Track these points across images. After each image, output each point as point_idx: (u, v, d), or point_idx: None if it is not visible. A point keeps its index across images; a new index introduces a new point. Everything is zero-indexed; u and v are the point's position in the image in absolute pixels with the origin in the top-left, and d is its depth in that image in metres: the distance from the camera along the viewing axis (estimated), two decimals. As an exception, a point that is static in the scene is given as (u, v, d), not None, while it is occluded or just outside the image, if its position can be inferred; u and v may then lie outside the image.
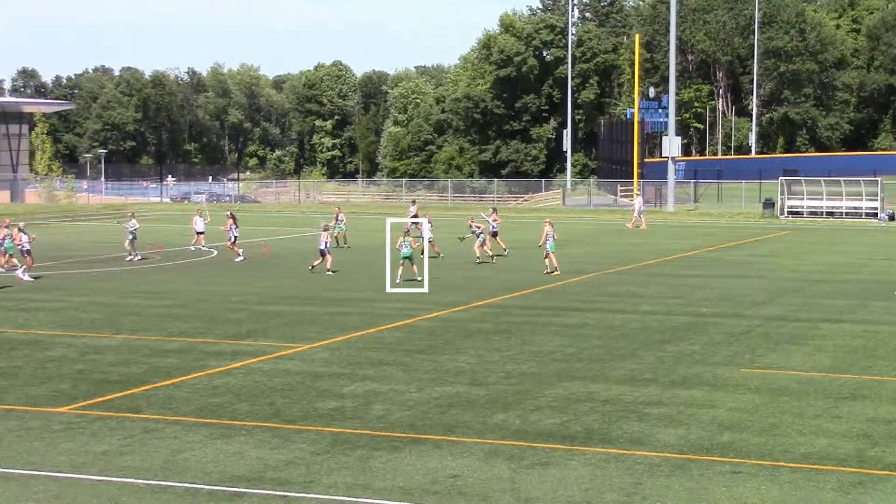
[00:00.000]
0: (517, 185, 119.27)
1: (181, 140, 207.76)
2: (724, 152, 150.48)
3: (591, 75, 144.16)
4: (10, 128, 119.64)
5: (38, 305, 35.64)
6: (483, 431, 19.90)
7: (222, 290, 39.39)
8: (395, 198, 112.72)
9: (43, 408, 21.64)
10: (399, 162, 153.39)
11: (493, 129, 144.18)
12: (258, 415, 21.09)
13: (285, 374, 24.93)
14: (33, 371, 25.24)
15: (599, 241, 61.58)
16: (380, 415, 21.14)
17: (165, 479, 17.16)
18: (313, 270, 44.31)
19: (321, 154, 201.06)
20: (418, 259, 43.87)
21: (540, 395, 22.70)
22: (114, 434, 19.70)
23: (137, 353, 27.46)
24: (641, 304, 36.21)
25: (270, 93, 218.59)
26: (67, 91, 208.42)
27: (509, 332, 30.57)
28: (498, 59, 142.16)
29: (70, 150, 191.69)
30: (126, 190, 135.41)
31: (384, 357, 26.90)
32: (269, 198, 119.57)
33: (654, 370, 25.36)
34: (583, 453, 18.54)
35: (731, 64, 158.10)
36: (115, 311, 34.30)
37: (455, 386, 23.64)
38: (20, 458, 18.26)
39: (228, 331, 30.74)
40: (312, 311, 34.19)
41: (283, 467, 17.75)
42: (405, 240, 41.64)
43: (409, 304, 35.68)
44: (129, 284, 41.32)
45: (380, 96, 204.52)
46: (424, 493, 16.56)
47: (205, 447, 18.87)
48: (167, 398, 22.49)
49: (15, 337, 29.78)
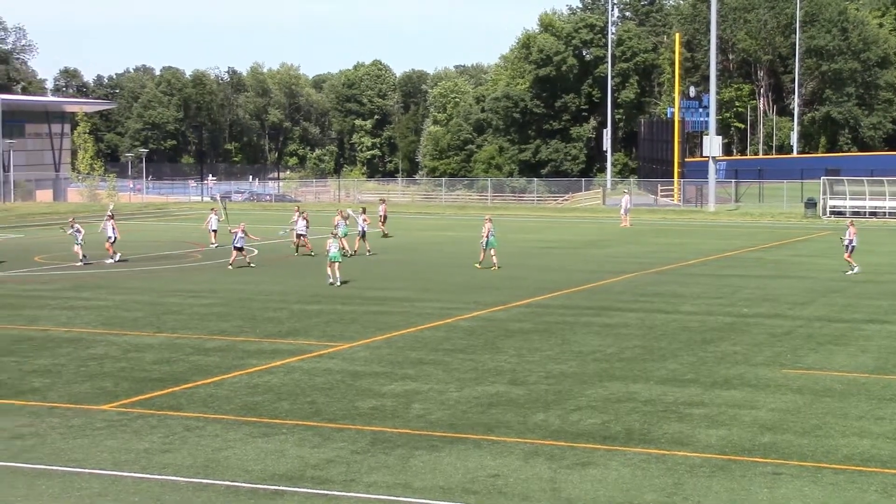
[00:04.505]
0: (557, 185, 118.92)
1: (221, 139, 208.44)
2: (765, 152, 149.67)
3: (631, 74, 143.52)
4: (53, 127, 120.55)
5: (80, 304, 35.86)
6: (523, 431, 19.87)
7: (263, 289, 39.50)
8: (435, 197, 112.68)
9: (85, 405, 21.78)
10: (439, 161, 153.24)
11: (532, 129, 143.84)
12: (298, 413, 21.14)
13: (325, 372, 24.98)
14: (76, 369, 25.40)
15: (639, 240, 61.37)
16: (420, 414, 21.14)
17: (206, 476, 17.22)
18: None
19: (361, 153, 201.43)
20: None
21: (580, 395, 22.65)
22: (155, 432, 19.80)
23: (179, 351, 27.59)
24: (682, 304, 36.07)
25: (310, 92, 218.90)
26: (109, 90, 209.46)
27: (549, 331, 30.52)
28: (537, 58, 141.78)
29: (111, 149, 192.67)
30: (167, 189, 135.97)
31: (424, 356, 26.91)
32: (310, 197, 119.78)
33: (695, 370, 25.26)
34: (623, 453, 18.48)
35: (773, 63, 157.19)
36: (157, 310, 34.47)
37: (495, 385, 23.62)
38: (63, 455, 18.38)
39: (269, 329, 30.83)
40: (352, 311, 34.24)
41: (324, 466, 17.78)
42: (334, 241, 41.19)
43: (450, 304, 35.68)
44: (171, 283, 41.51)
45: (419, 96, 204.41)
46: (464, 492, 16.55)
47: (245, 445, 18.93)
48: (208, 396, 22.58)
49: (58, 335, 29.99)
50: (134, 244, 57.49)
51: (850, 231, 44.60)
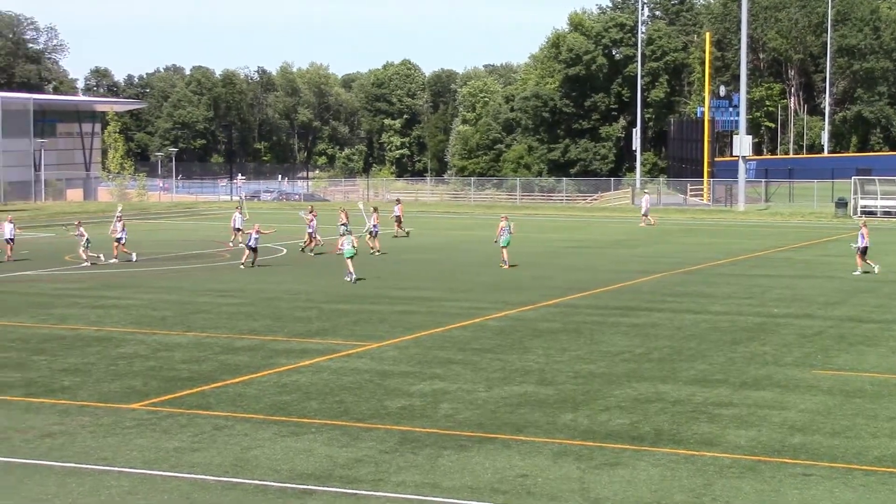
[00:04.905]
0: (586, 185, 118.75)
1: (251, 138, 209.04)
2: (795, 151, 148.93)
3: (661, 74, 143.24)
4: (84, 127, 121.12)
5: (110, 302, 36.02)
6: (552, 431, 19.84)
7: (291, 289, 39.57)
8: (464, 196, 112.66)
9: (115, 404, 21.87)
10: (468, 161, 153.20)
11: (561, 128, 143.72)
12: (327, 413, 21.16)
13: (354, 372, 25.00)
14: (106, 368, 25.51)
15: (668, 240, 61.20)
16: (448, 413, 21.14)
17: (235, 475, 17.27)
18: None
19: (390, 153, 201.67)
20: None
21: (609, 395, 22.60)
22: (184, 431, 19.86)
23: (208, 350, 27.66)
24: (711, 304, 35.94)
25: (339, 92, 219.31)
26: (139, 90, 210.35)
27: (578, 331, 30.47)
28: (567, 57, 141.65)
29: (142, 148, 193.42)
30: (196, 188, 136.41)
31: (452, 356, 26.90)
32: (339, 196, 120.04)
33: (725, 371, 25.16)
34: (652, 454, 18.43)
35: (804, 62, 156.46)
36: (186, 309, 34.59)
37: (523, 385, 23.60)
38: (93, 453, 18.46)
39: (297, 329, 30.89)
40: (381, 310, 34.27)
41: (352, 465, 17.80)
42: (348, 238, 41.92)
43: (478, 304, 35.66)
44: (200, 282, 41.64)
45: (448, 95, 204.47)
46: (493, 492, 16.53)
47: (274, 444, 18.97)
48: (237, 395, 22.63)
49: (88, 334, 30.12)
50: (163, 243, 57.75)
51: (862, 232, 44.28)
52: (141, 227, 71.36)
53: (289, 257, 50.92)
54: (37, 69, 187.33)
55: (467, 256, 50.72)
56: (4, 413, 21.18)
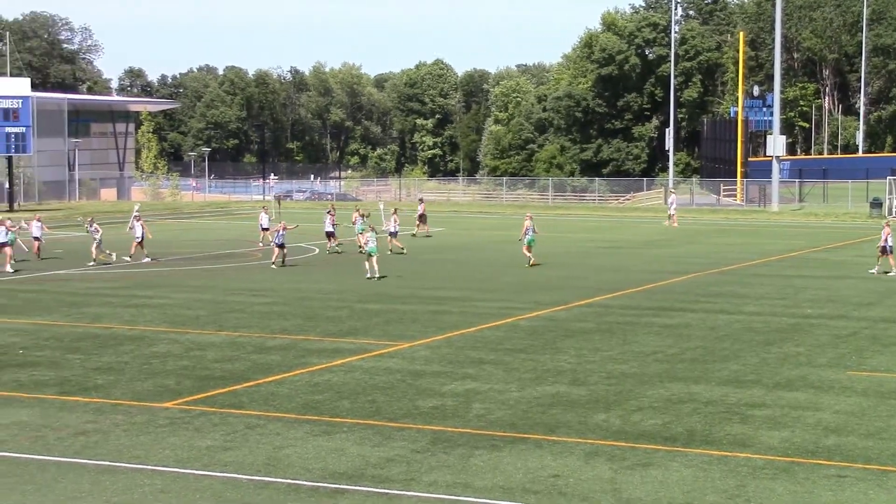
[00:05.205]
0: (618, 185, 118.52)
1: (284, 138, 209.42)
2: (829, 151, 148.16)
3: (695, 73, 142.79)
4: (118, 126, 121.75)
5: (143, 302, 36.17)
6: (584, 431, 19.80)
7: (323, 288, 39.64)
8: (496, 196, 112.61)
9: (148, 403, 21.96)
10: (500, 160, 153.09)
11: (594, 128, 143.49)
12: (359, 412, 21.18)
13: (386, 371, 25.02)
14: (139, 366, 25.62)
15: (702, 240, 60.98)
16: (480, 413, 21.12)
17: (268, 474, 17.31)
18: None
19: (422, 152, 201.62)
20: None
21: (641, 396, 22.54)
22: (217, 429, 19.92)
23: (240, 349, 27.74)
24: (745, 304, 35.79)
25: (372, 91, 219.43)
26: (172, 90, 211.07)
27: (610, 331, 30.40)
28: (600, 57, 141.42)
29: (175, 148, 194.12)
30: (229, 188, 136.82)
31: (484, 356, 26.88)
32: (371, 196, 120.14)
33: (758, 372, 25.05)
34: (685, 454, 18.37)
35: (838, 62, 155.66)
36: (219, 308, 34.70)
37: (556, 385, 23.56)
38: (127, 451, 18.54)
39: (329, 328, 30.93)
40: (412, 310, 34.28)
41: (384, 465, 17.81)
42: (372, 235, 42.72)
43: (510, 304, 35.63)
44: (233, 282, 41.76)
45: (481, 95, 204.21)
46: (525, 492, 16.51)
47: (306, 444, 19.00)
48: (269, 395, 22.68)
49: (121, 332, 30.26)
50: (195, 243, 57.95)
51: (884, 232, 43.96)
52: (174, 226, 71.71)
53: (320, 257, 51.01)
54: (71, 69, 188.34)
55: (499, 256, 50.66)
56: (39, 411, 21.31)
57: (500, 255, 51.31)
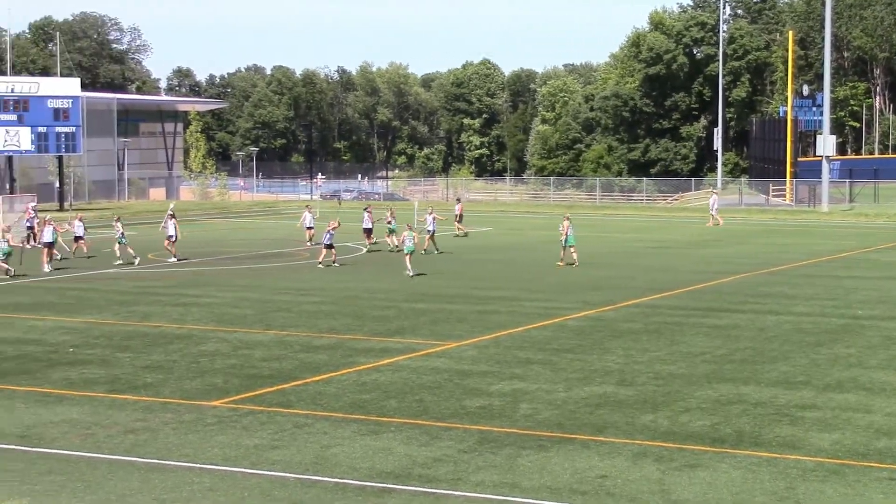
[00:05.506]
0: (666, 184, 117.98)
1: (331, 138, 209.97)
2: (880, 151, 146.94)
3: (743, 73, 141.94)
4: (166, 126, 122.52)
5: (191, 300, 36.36)
6: (631, 432, 19.72)
7: (370, 287, 39.70)
8: (543, 196, 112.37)
9: (197, 401, 22.07)
10: (547, 160, 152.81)
11: (642, 128, 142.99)
12: (406, 412, 21.20)
13: (433, 371, 25.03)
14: (187, 365, 25.75)
15: (751, 241, 60.61)
16: (527, 413, 21.09)
17: (315, 473, 17.35)
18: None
19: (469, 152, 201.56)
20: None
21: (689, 397, 22.42)
22: (265, 428, 19.99)
23: (288, 348, 27.83)
24: (794, 305, 35.54)
25: (419, 91, 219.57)
26: (220, 90, 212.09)
27: (658, 332, 30.27)
28: (647, 56, 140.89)
29: (223, 147, 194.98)
30: (276, 187, 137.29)
31: (532, 356, 26.84)
32: (418, 195, 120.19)
33: (808, 373, 24.86)
34: (733, 456, 18.26)
35: (889, 60, 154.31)
36: (266, 307, 34.82)
37: (603, 386, 23.49)
38: (175, 450, 18.64)
39: (377, 328, 30.97)
40: (460, 310, 34.27)
41: (431, 464, 17.80)
42: (409, 234, 43.46)
43: (557, 304, 35.55)
44: (280, 281, 41.89)
45: (528, 94, 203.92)
46: (572, 492, 16.46)
47: (353, 443, 19.03)
48: (317, 394, 22.74)
49: (170, 331, 30.43)
50: (243, 242, 58.19)
51: None
52: (221, 226, 72.04)
53: (368, 256, 51.08)
54: (120, 69, 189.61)
55: (547, 257, 50.53)
56: (89, 409, 21.46)
57: (547, 256, 51.17)
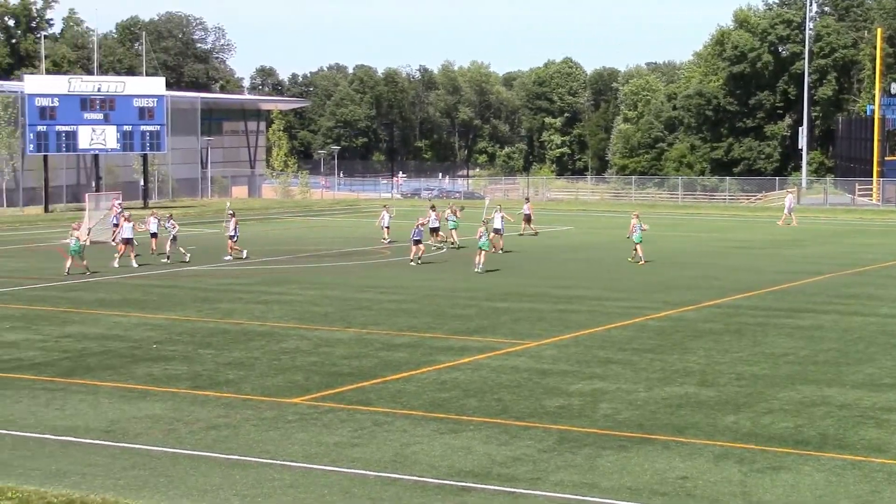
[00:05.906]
0: (749, 184, 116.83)
1: (412, 137, 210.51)
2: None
3: (829, 71, 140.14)
4: (249, 125, 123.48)
5: (273, 298, 36.61)
6: (713, 433, 19.55)
7: (451, 286, 39.73)
8: (625, 195, 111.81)
9: (277, 398, 22.20)
10: (629, 159, 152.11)
11: (725, 127, 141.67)
12: (486, 411, 21.18)
13: (513, 370, 24.99)
14: (269, 362, 25.93)
15: (836, 241, 59.87)
16: (607, 413, 20.98)
17: (395, 471, 17.39)
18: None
19: (550, 151, 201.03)
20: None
21: (772, 398, 22.18)
22: (345, 426, 20.07)
23: (368, 346, 27.92)
24: (880, 306, 35.03)
25: (500, 90, 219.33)
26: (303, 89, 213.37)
27: (740, 332, 29.98)
28: (731, 54, 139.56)
29: (304, 146, 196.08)
30: (358, 186, 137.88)
31: (612, 356, 26.71)
32: (499, 194, 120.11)
33: (894, 375, 24.49)
34: (817, 458, 18.03)
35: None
36: (347, 305, 34.97)
37: (684, 386, 23.31)
38: (256, 446, 18.77)
39: (457, 326, 30.99)
40: (540, 309, 34.19)
41: (510, 464, 17.78)
42: (483, 230, 44.25)
43: (638, 303, 35.35)
44: (361, 279, 42.05)
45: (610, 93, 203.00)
46: (652, 493, 16.36)
47: (433, 441, 19.05)
48: (397, 392, 22.79)
49: (252, 328, 30.67)
50: (324, 240, 58.49)
51: None
52: (303, 224, 72.48)
53: (450, 254, 51.12)
54: (205, 68, 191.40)
55: (627, 255, 50.29)
56: (172, 405, 21.69)
57: (628, 255, 50.92)
